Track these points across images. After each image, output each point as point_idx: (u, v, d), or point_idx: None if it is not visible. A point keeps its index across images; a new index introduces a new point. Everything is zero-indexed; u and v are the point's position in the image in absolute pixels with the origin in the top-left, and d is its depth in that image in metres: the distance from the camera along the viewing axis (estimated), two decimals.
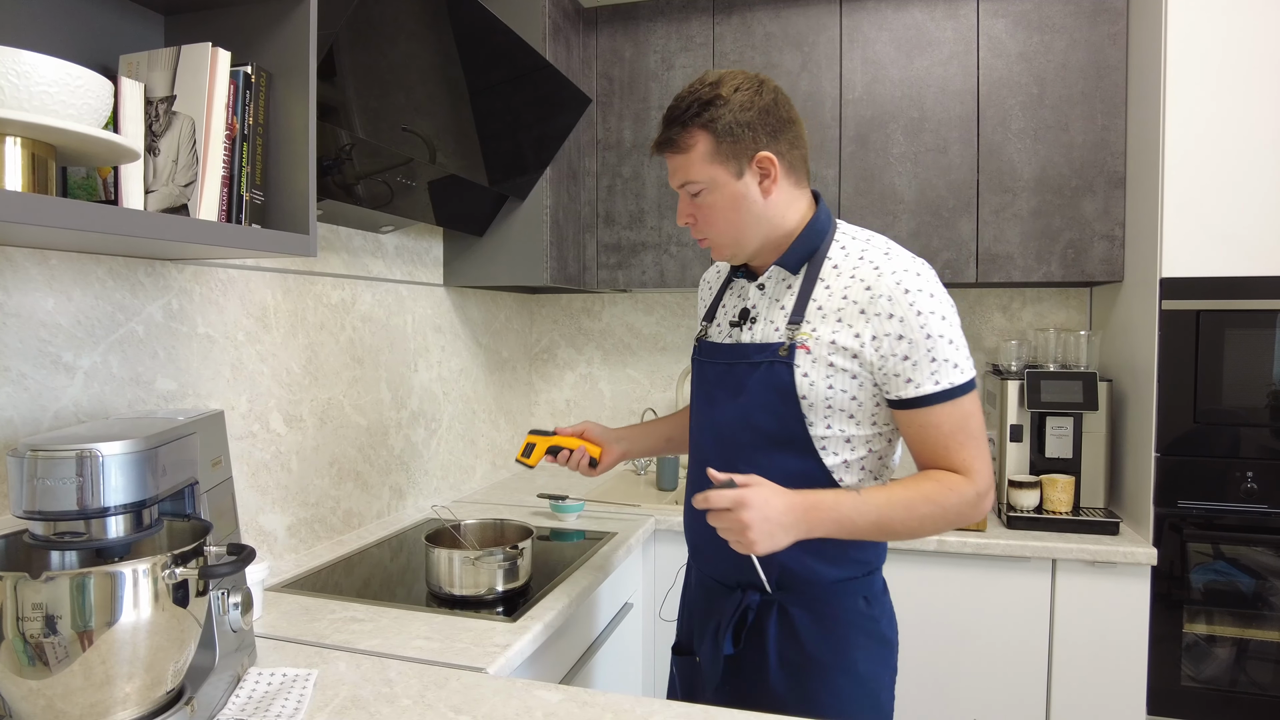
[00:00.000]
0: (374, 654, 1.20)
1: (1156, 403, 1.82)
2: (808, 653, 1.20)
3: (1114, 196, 2.06)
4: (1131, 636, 1.83)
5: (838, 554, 1.21)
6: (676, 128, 1.17)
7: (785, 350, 1.16)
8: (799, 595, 1.21)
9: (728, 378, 1.24)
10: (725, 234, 1.21)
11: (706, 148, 1.16)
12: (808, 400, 1.15)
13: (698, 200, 1.19)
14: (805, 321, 1.17)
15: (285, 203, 1.20)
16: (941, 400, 1.11)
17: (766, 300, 1.23)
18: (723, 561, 1.24)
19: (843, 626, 1.21)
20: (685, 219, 1.23)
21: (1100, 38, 2.04)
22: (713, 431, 1.27)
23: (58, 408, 1.17)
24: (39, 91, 0.85)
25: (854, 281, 1.15)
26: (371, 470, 1.94)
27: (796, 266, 1.21)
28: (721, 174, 1.16)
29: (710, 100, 1.15)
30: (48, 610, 0.81)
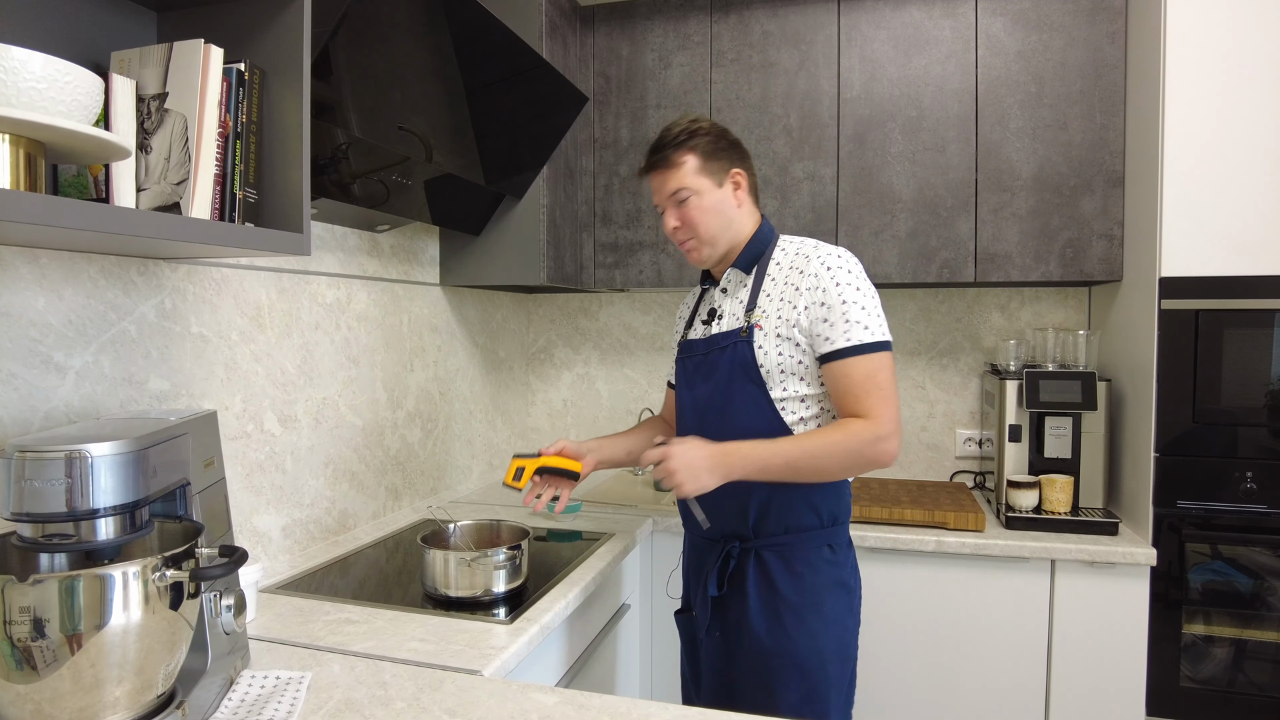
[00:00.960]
0: (368, 656, 1.19)
1: (1156, 402, 1.82)
2: (782, 594, 1.42)
3: (1112, 196, 2.05)
4: (1130, 637, 1.82)
5: (804, 506, 1.43)
6: (669, 149, 1.47)
7: (745, 332, 1.45)
8: (772, 541, 1.45)
9: (704, 365, 1.51)
10: (706, 233, 1.48)
11: (695, 164, 1.47)
12: (765, 368, 1.42)
13: (685, 206, 1.48)
14: (758, 308, 1.45)
15: (279, 201, 1.18)
16: (851, 355, 1.36)
17: (728, 299, 1.52)
18: (713, 519, 1.51)
19: (811, 570, 1.43)
20: (674, 224, 1.50)
21: (1099, 36, 2.03)
22: (694, 408, 1.52)
23: (48, 408, 1.16)
24: (27, 88, 0.84)
25: (792, 270, 1.44)
26: (367, 471, 1.93)
27: (749, 267, 1.50)
28: (707, 184, 1.48)
29: (694, 130, 1.48)
30: (36, 613, 0.80)
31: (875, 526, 1.99)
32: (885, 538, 1.94)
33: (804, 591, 1.42)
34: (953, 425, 2.49)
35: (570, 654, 1.55)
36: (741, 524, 1.46)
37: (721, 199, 1.48)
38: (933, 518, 1.98)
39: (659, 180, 1.51)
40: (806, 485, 1.43)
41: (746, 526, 1.46)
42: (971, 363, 2.47)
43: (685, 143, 1.47)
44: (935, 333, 2.50)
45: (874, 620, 1.97)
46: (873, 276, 2.19)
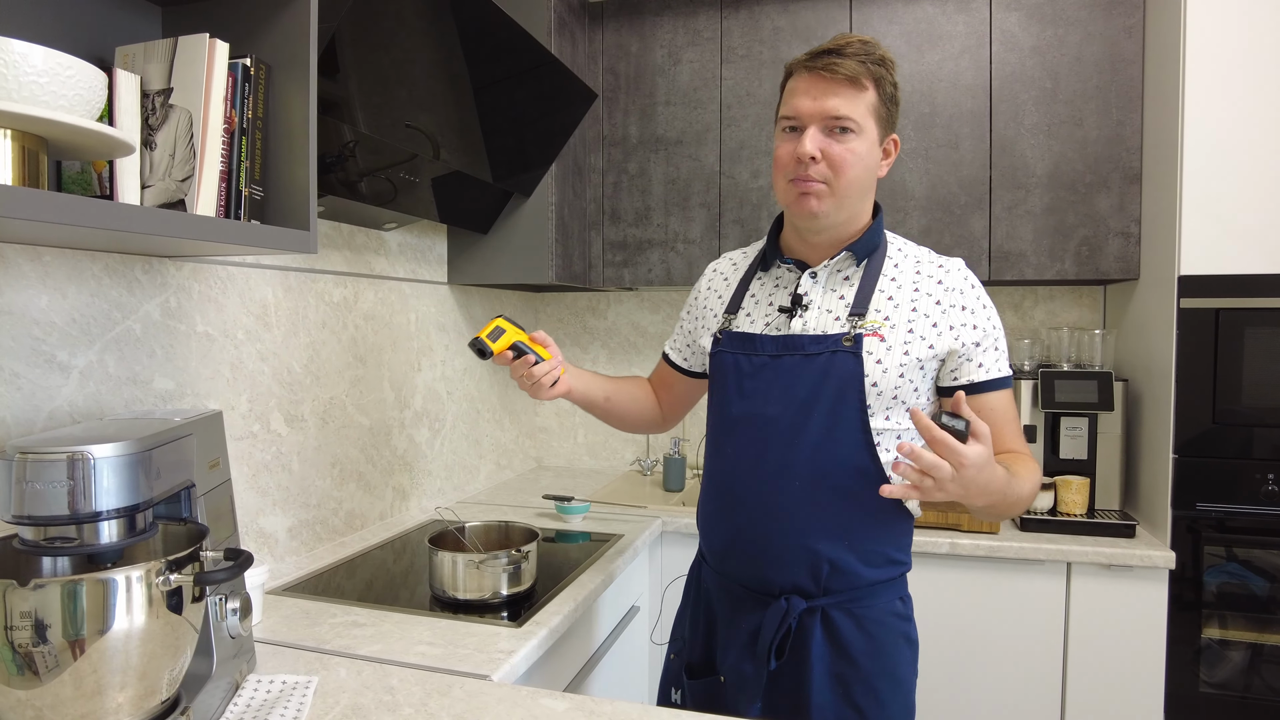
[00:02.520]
0: (375, 660, 1.17)
1: (1174, 403, 1.79)
2: (852, 659, 1.18)
3: (1129, 193, 2.02)
4: (1148, 641, 1.79)
5: (878, 555, 1.20)
6: (855, 62, 1.11)
7: (850, 340, 1.15)
8: (843, 598, 1.19)
9: (771, 370, 1.20)
10: (847, 184, 1.14)
11: (873, 98, 1.14)
12: (877, 388, 1.15)
13: (841, 140, 1.13)
14: (874, 310, 1.17)
15: (285, 198, 1.17)
16: (1002, 387, 1.19)
17: (820, 290, 1.22)
18: (764, 564, 1.20)
19: (883, 630, 1.20)
20: (813, 152, 1.12)
21: (1116, 31, 2.00)
22: (752, 423, 1.21)
23: (52, 408, 1.14)
24: (29, 81, 0.82)
25: (921, 278, 1.19)
26: (374, 471, 1.91)
27: (863, 257, 1.21)
28: (874, 131, 1.16)
29: (884, 60, 1.14)
30: (37, 618, 0.78)
31: None
32: None
33: (876, 655, 1.18)
34: None
35: (579, 657, 1.53)
36: (809, 578, 1.18)
37: (875, 157, 1.17)
38: (946, 519, 1.95)
39: (822, 88, 1.12)
40: (886, 531, 1.20)
41: (816, 581, 1.18)
42: None
43: (877, 67, 1.13)
44: None
45: None
46: None
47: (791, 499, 1.18)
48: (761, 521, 1.20)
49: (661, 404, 1.52)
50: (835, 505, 1.16)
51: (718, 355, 1.28)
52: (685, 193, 2.34)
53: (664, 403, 1.52)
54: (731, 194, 2.30)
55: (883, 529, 1.20)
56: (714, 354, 1.29)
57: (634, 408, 1.48)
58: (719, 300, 1.34)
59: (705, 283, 1.40)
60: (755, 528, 1.21)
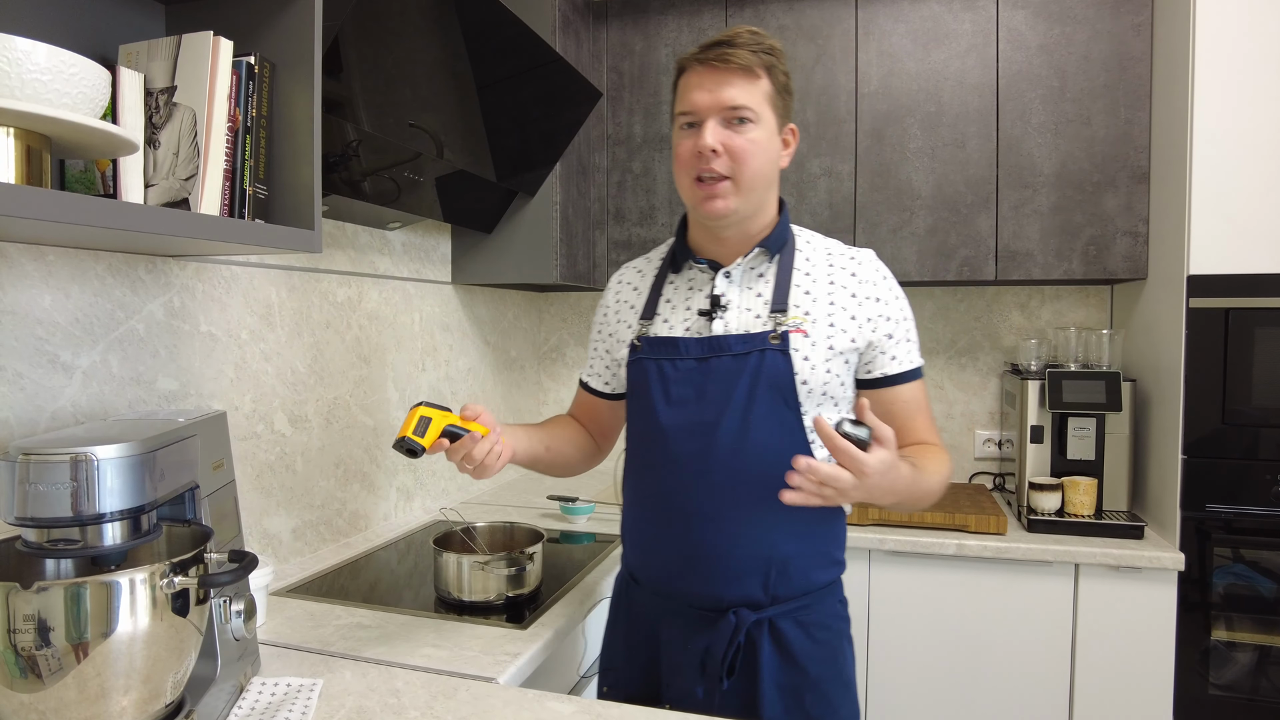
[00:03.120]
0: (381, 662, 1.17)
1: (1183, 403, 1.77)
2: (803, 668, 1.15)
3: (1137, 192, 2.00)
4: (1157, 644, 1.78)
5: (822, 555, 1.19)
6: (748, 52, 1.10)
7: (776, 338, 1.13)
8: (790, 606, 1.16)
9: (698, 374, 1.16)
10: (751, 177, 1.12)
11: (768, 87, 1.13)
12: (807, 386, 1.13)
13: (740, 131, 1.11)
14: (794, 306, 1.15)
15: (289, 197, 1.16)
16: (914, 378, 1.20)
17: (736, 288, 1.19)
18: (718, 579, 1.15)
19: (829, 634, 1.19)
20: (713, 146, 1.10)
21: (1124, 28, 1.99)
22: (685, 431, 1.15)
23: (55, 408, 1.14)
24: (31, 79, 0.82)
25: (834, 270, 1.18)
26: (378, 471, 1.90)
27: (774, 252, 1.19)
28: (772, 120, 1.14)
29: (774, 49, 1.14)
30: (40, 621, 0.77)
31: (894, 529, 1.95)
32: (905, 541, 1.90)
33: (826, 661, 1.17)
34: (971, 426, 2.44)
35: (584, 661, 1.52)
36: (759, 588, 1.15)
37: (776, 148, 1.16)
38: (953, 520, 1.94)
39: (716, 80, 1.10)
40: (830, 531, 1.19)
41: (766, 590, 1.15)
42: (990, 362, 2.43)
43: (765, 55, 1.11)
44: (954, 332, 2.46)
45: (893, 625, 1.94)
46: None
47: (746, 507, 1.13)
48: (713, 536, 1.14)
49: (593, 435, 1.43)
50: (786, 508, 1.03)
51: (638, 363, 1.22)
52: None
53: (594, 434, 1.43)
54: None
55: (825, 527, 1.19)
56: (633, 361, 1.23)
57: (573, 449, 1.37)
58: (631, 310, 1.28)
59: (613, 296, 1.33)
60: (707, 544, 1.15)
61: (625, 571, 1.31)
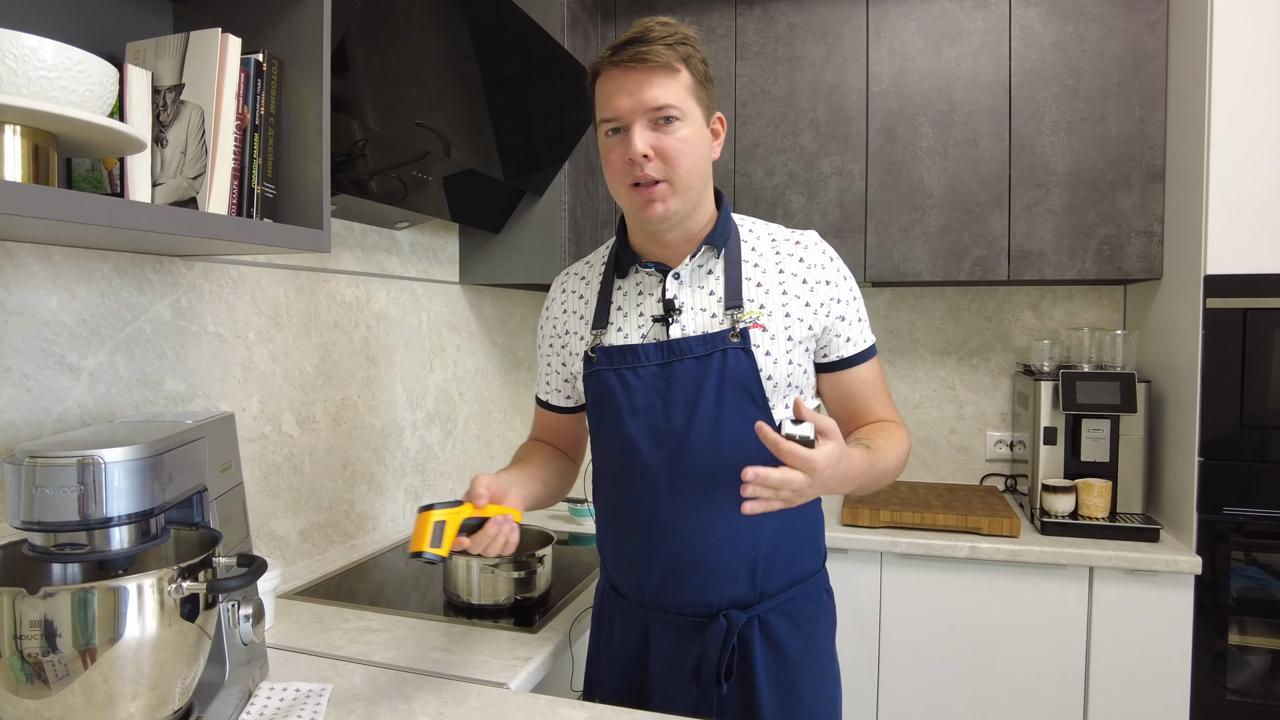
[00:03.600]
0: (390, 667, 1.15)
1: (1199, 405, 1.75)
2: (795, 664, 1.14)
3: (1152, 191, 1.98)
4: (1173, 648, 1.76)
5: (806, 545, 1.19)
6: (663, 47, 1.04)
7: (736, 336, 1.10)
8: (778, 600, 1.15)
9: (662, 379, 1.12)
10: (689, 178, 1.08)
11: (688, 80, 1.08)
12: (773, 381, 1.11)
13: (668, 131, 1.06)
14: (748, 301, 1.12)
15: (298, 196, 1.15)
16: (869, 357, 1.18)
17: (688, 289, 1.14)
18: (703, 586, 1.13)
19: (816, 625, 1.19)
20: (644, 151, 1.05)
21: (1138, 25, 1.97)
22: (656, 438, 1.12)
23: (62, 410, 1.13)
24: (38, 76, 0.80)
25: (782, 257, 1.15)
26: (386, 473, 1.89)
27: (721, 248, 1.15)
28: (698, 114, 1.09)
29: (687, 38, 1.08)
30: (47, 627, 0.76)
31: (907, 532, 1.93)
32: (917, 543, 1.88)
33: (816, 654, 1.17)
34: (983, 427, 2.42)
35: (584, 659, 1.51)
36: (746, 585, 1.13)
37: (706, 141, 1.12)
38: (965, 523, 1.92)
39: (636, 81, 1.05)
40: (809, 520, 1.19)
41: (752, 587, 1.13)
42: (1002, 363, 2.40)
43: (679, 47, 1.06)
44: (965, 332, 2.43)
45: (905, 628, 1.92)
46: (902, 274, 2.15)
47: (725, 509, 1.10)
48: (698, 542, 1.12)
49: (565, 452, 1.37)
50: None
51: (596, 374, 1.17)
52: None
53: (565, 450, 1.37)
54: (746, 192, 2.27)
55: (804, 515, 1.18)
56: (591, 374, 1.18)
57: (558, 476, 1.31)
58: (580, 320, 1.23)
59: (559, 307, 1.28)
60: (692, 550, 1.12)
61: (606, 583, 1.27)
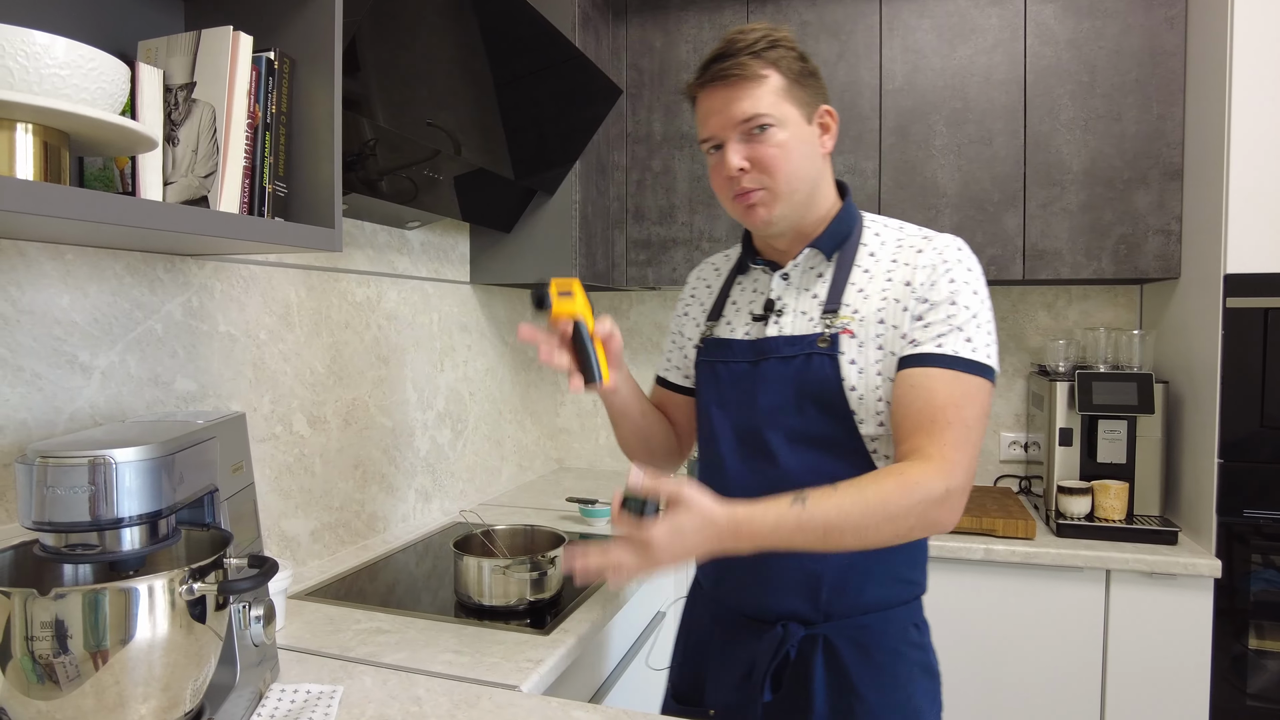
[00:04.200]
0: (401, 669, 1.14)
1: (1219, 406, 1.73)
2: (859, 693, 1.07)
3: (1170, 189, 1.96)
4: (1192, 653, 1.73)
5: (887, 573, 1.09)
6: (745, 57, 1.04)
7: (825, 340, 1.06)
8: (847, 624, 1.09)
9: (748, 378, 1.12)
10: (787, 182, 1.06)
11: (779, 83, 1.05)
12: (857, 392, 1.04)
13: (762, 140, 1.05)
14: (844, 305, 1.08)
15: (309, 195, 1.14)
16: (939, 365, 1.00)
17: (793, 290, 1.13)
18: (759, 591, 1.12)
19: (894, 659, 1.09)
20: (739, 164, 1.05)
21: (1156, 22, 1.94)
22: (731, 439, 1.12)
23: (73, 409, 1.12)
24: (50, 74, 0.80)
25: (896, 265, 1.07)
26: (397, 473, 1.88)
27: (831, 250, 1.11)
28: (794, 114, 1.06)
29: (777, 40, 1.06)
30: (58, 628, 0.76)
31: None
32: (932, 545, 1.85)
33: (887, 688, 1.07)
34: (996, 428, 2.40)
35: (605, 666, 1.50)
36: (807, 602, 1.08)
37: (809, 140, 1.08)
38: (980, 524, 1.90)
39: (723, 98, 1.06)
40: (895, 547, 1.05)
41: (814, 606, 1.08)
42: (1016, 363, 2.38)
43: (766, 53, 1.05)
44: None
45: None
46: None
47: None
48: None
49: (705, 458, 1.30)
50: None
51: (700, 364, 1.20)
52: (710, 190, 2.30)
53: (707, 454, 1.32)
54: None
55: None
56: (698, 363, 1.21)
57: (661, 431, 1.31)
58: (701, 308, 1.27)
59: (689, 291, 1.32)
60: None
61: (695, 573, 1.29)
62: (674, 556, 0.92)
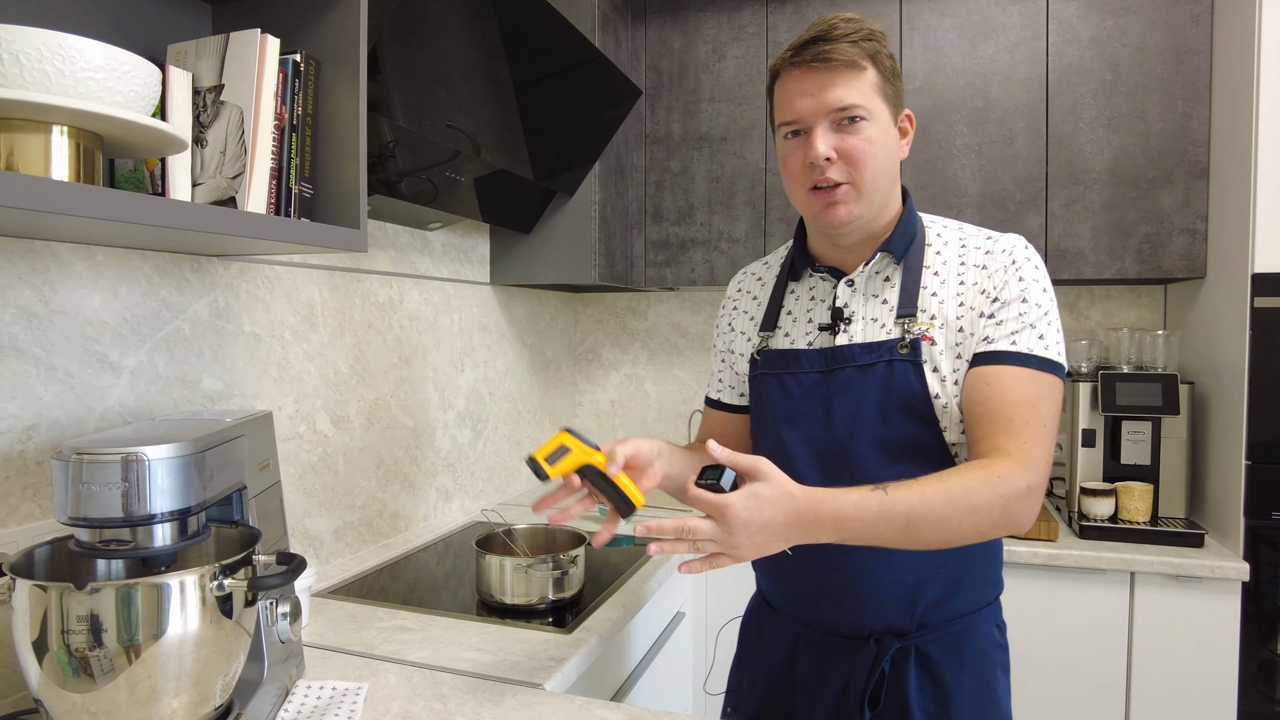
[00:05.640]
0: (425, 666, 1.15)
1: (1247, 407, 1.70)
2: (957, 700, 1.04)
3: (1195, 188, 1.94)
4: (1220, 657, 1.71)
5: (976, 577, 1.07)
6: (848, 44, 0.98)
7: (906, 347, 1.01)
8: (939, 633, 1.06)
9: (823, 388, 1.06)
10: (875, 179, 1.02)
11: (875, 77, 1.01)
12: (941, 400, 1.00)
13: (853, 132, 1.00)
14: (921, 311, 1.03)
15: (334, 196, 1.15)
16: (1014, 364, 0.97)
17: (860, 298, 1.08)
18: (854, 608, 1.07)
19: (984, 662, 1.07)
20: (826, 153, 1.00)
21: (1181, 19, 1.92)
22: (814, 453, 1.06)
23: (104, 408, 1.14)
24: (85, 77, 0.81)
25: (967, 268, 1.04)
26: (418, 472, 1.89)
27: (901, 253, 1.07)
28: (885, 113, 1.02)
29: (874, 34, 1.01)
30: (93, 622, 0.77)
31: None
32: None
33: (980, 691, 1.06)
34: None
35: (626, 665, 1.50)
36: (904, 615, 1.05)
37: (894, 140, 1.04)
38: None
39: (818, 82, 0.99)
40: (981, 549, 1.06)
41: (911, 618, 1.05)
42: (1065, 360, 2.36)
43: (865, 43, 1.00)
44: None
45: None
46: None
47: None
48: (848, 561, 1.04)
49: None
50: None
51: (758, 379, 1.14)
52: (729, 191, 2.30)
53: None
54: (777, 191, 2.25)
55: (977, 548, 1.05)
56: (754, 377, 1.15)
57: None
58: (750, 320, 1.20)
59: (731, 304, 1.26)
60: (842, 570, 1.05)
61: (757, 593, 1.24)
62: (752, 531, 0.86)
